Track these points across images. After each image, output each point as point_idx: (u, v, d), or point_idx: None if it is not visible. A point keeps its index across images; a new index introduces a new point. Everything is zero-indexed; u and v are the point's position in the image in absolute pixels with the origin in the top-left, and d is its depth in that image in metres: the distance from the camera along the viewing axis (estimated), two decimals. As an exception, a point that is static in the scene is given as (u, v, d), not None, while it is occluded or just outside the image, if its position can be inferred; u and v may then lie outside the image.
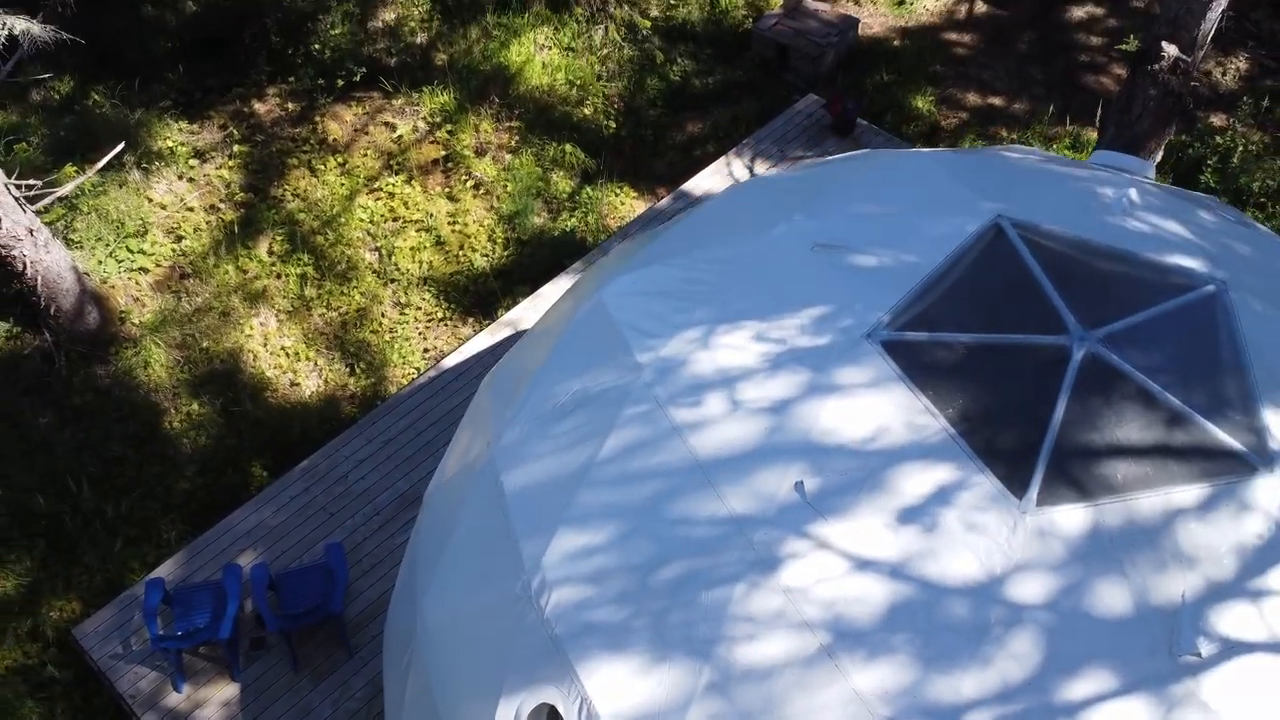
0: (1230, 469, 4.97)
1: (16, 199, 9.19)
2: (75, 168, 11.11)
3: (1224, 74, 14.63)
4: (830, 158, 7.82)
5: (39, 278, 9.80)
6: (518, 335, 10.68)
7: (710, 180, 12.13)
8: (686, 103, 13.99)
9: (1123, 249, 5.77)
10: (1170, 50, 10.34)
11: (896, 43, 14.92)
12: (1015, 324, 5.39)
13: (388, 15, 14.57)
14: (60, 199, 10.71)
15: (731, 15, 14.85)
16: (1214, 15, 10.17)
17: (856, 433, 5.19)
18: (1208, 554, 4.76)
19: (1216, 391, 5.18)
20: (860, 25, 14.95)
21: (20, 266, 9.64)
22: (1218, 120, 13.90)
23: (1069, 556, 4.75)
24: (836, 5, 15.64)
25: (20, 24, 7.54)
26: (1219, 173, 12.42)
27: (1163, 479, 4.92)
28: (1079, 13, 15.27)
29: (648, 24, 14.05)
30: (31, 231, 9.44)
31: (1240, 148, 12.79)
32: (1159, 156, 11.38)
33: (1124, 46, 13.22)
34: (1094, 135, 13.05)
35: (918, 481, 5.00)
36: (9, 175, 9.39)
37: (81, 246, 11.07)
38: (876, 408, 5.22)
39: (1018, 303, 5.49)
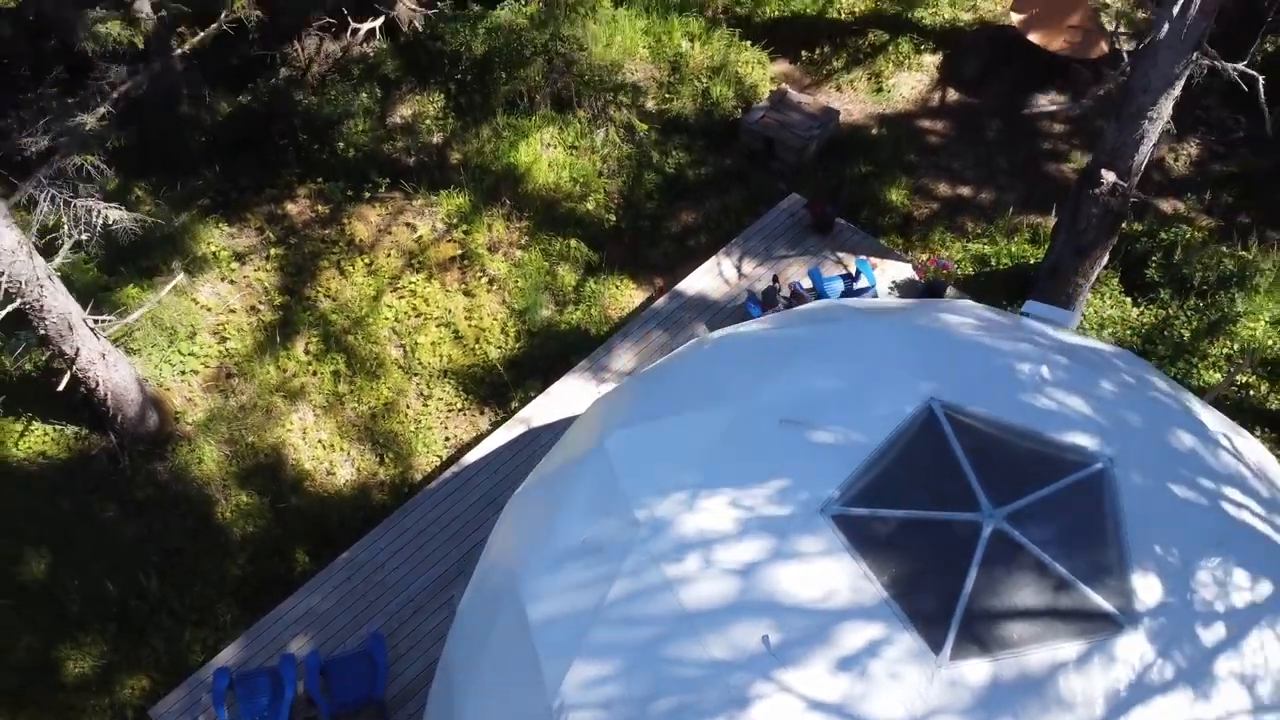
0: (1103, 628, 6.27)
1: (91, 329, 10.50)
2: (136, 286, 12.40)
3: (1176, 159, 15.90)
4: (799, 311, 9.10)
5: (108, 393, 11.12)
6: (530, 432, 11.97)
7: (703, 280, 13.41)
8: (681, 193, 15.27)
9: (1031, 429, 7.07)
10: (1109, 177, 11.64)
11: (875, 131, 16.19)
12: (939, 501, 6.69)
13: (405, 111, 15.89)
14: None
15: (722, 106, 16.10)
16: (1147, 148, 11.47)
17: (810, 594, 6.49)
18: (1083, 699, 6.06)
19: (1097, 560, 6.48)
20: (842, 112, 16.22)
21: (93, 384, 10.96)
22: (1168, 207, 15.19)
23: (974, 703, 6.05)
24: (820, 92, 16.94)
25: (114, 214, 8.84)
26: (1163, 268, 13.69)
27: (1049, 636, 6.22)
28: (1042, 100, 16.52)
29: (645, 127, 15.32)
30: (103, 355, 10.75)
31: (1183, 240, 14.04)
32: (1105, 259, 12.69)
33: (1072, 165, 14.44)
34: (1051, 225, 14.26)
35: (857, 637, 6.31)
36: (82, 304, 10.69)
37: (139, 353, 12.38)
38: (827, 573, 6.53)
39: (942, 481, 6.79)
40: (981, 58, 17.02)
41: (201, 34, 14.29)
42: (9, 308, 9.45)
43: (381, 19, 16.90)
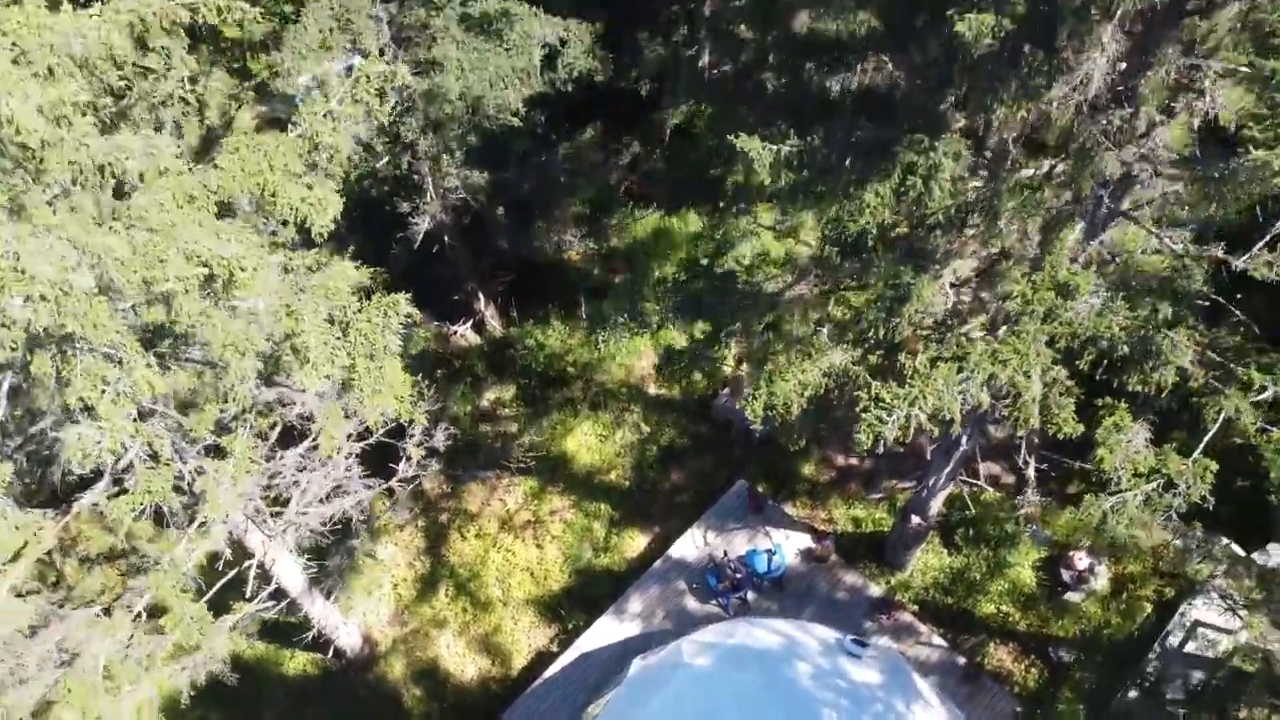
0: None
1: (344, 622, 19.20)
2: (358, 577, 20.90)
3: (998, 430, 24.30)
4: (732, 655, 17.77)
5: (347, 644, 19.90)
6: (582, 656, 20.65)
7: (683, 547, 21.99)
8: (672, 458, 23.75)
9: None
10: (915, 519, 20.24)
11: (800, 405, 24.53)
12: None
13: (491, 395, 24.33)
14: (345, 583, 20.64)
15: (698, 387, 24.48)
16: (934, 510, 20.03)
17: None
18: None
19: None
20: (778, 389, 24.57)
21: (341, 645, 19.73)
22: (984, 469, 23.64)
23: None
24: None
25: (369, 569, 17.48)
26: (966, 535, 22.26)
27: None
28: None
29: (648, 428, 23.75)
30: (349, 634, 19.51)
31: (982, 505, 22.52)
32: (924, 543, 21.31)
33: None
34: (904, 495, 22.70)
35: None
36: (332, 601, 19.33)
37: (353, 606, 21.11)
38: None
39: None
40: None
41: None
42: (311, 633, 18.15)
43: (471, 321, 25.31)
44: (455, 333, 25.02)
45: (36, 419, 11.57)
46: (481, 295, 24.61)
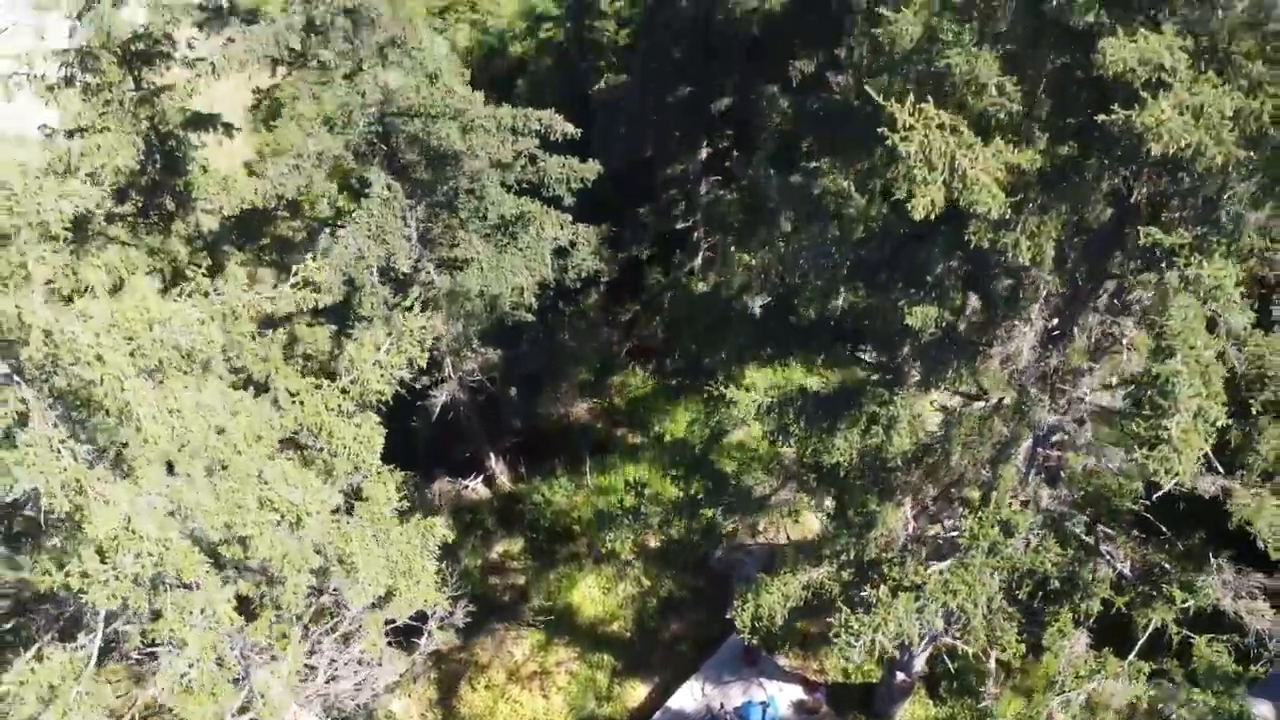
0: None
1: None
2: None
3: (976, 582, 25.75)
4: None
5: (364, 800, 21.01)
6: (586, 808, 21.78)
7: (681, 699, 23.23)
8: (671, 608, 25.12)
9: None
10: (900, 675, 21.55)
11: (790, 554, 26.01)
12: None
13: (500, 548, 25.82)
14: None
15: (698, 547, 25.96)
16: (919, 665, 21.36)
17: None
18: None
19: None
20: (772, 543, 26.07)
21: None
22: (967, 621, 25.01)
23: None
24: (762, 532, 26.75)
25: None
26: (950, 689, 23.50)
27: None
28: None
29: (649, 581, 25.24)
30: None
31: (957, 666, 23.81)
32: (910, 695, 22.54)
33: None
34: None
35: None
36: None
37: (370, 759, 22.24)
38: None
39: None
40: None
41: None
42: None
43: (482, 476, 26.95)
44: (466, 487, 26.64)
45: (111, 621, 13.13)
46: (492, 453, 26.31)
